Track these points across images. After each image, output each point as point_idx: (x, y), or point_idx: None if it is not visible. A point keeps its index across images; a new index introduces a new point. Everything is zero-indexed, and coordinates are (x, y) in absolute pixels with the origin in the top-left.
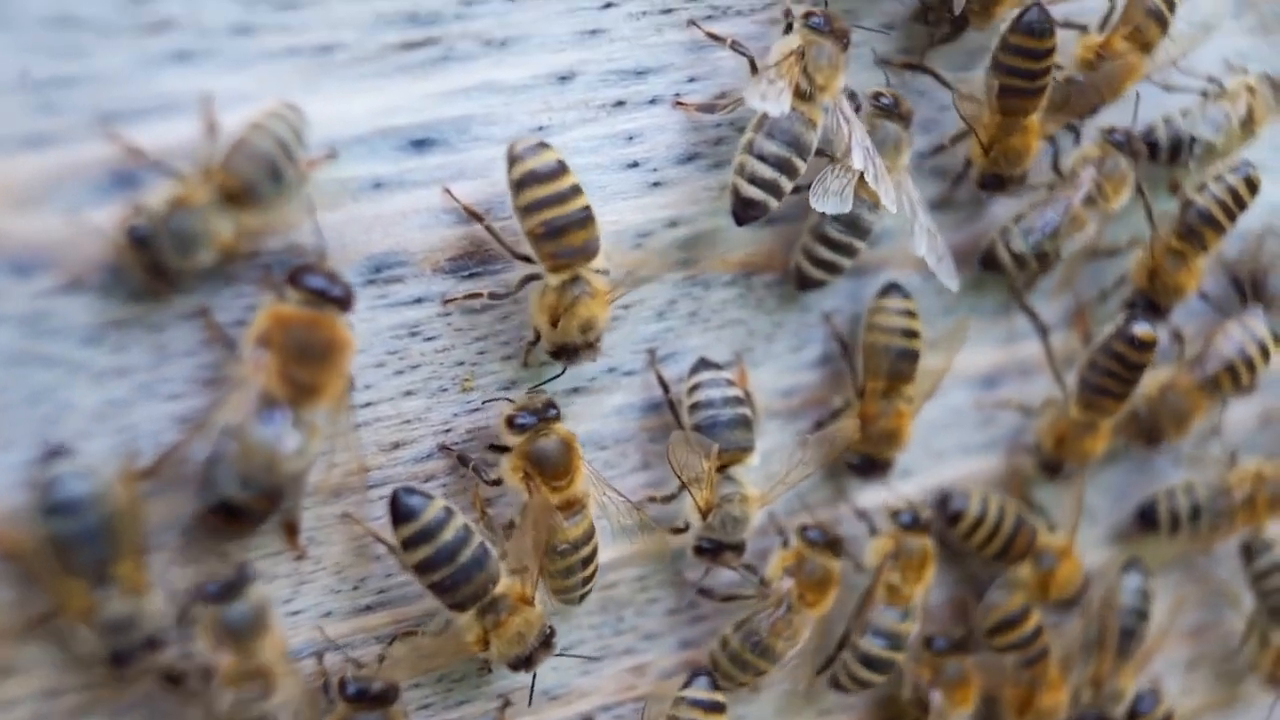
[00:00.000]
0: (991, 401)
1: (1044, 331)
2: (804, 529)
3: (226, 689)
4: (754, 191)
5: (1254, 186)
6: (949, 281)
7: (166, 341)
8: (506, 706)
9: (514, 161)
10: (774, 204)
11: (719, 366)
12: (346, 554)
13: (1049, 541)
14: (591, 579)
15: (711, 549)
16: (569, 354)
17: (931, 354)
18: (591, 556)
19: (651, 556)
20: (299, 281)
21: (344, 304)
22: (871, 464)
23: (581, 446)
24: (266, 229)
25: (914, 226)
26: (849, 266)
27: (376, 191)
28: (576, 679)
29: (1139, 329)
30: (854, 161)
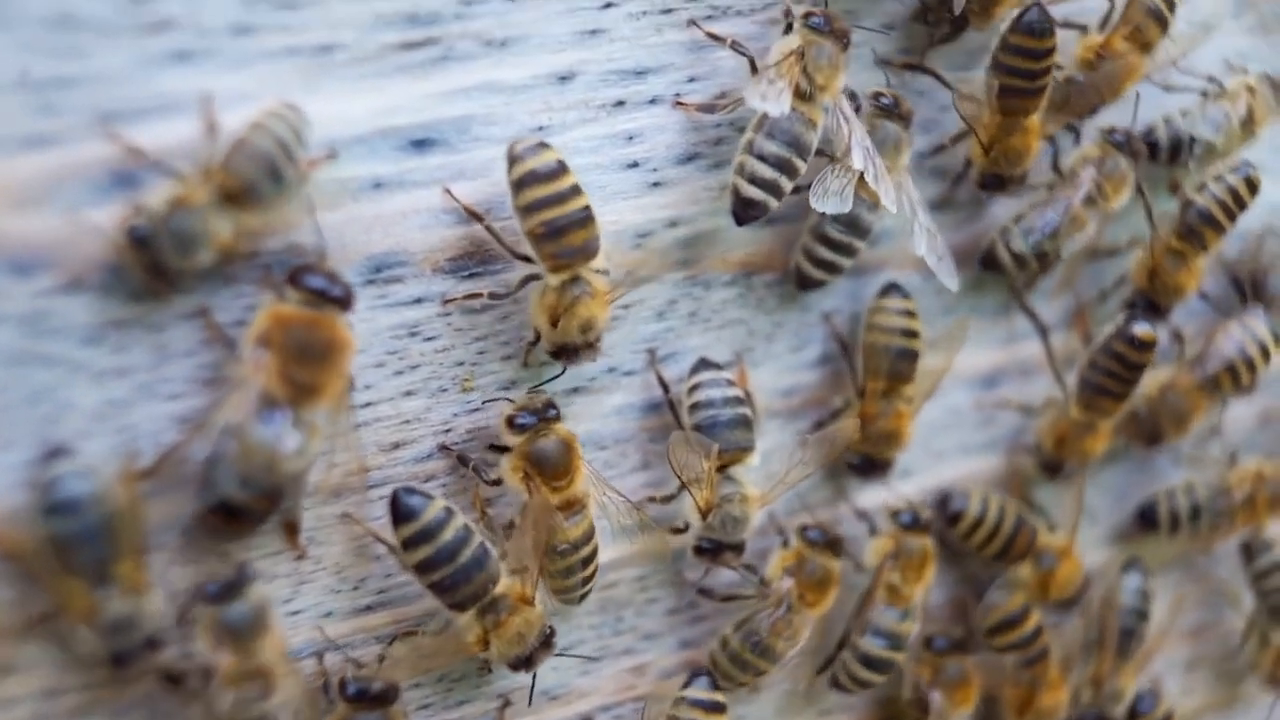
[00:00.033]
0: (992, 401)
1: (1044, 331)
2: (804, 529)
3: (226, 689)
4: (754, 191)
5: (1254, 187)
6: (949, 281)
7: (167, 341)
8: (506, 706)
9: (514, 161)
10: (774, 204)
11: (719, 366)
12: (346, 554)
13: (1049, 542)
14: (591, 579)
15: (711, 549)
16: (569, 354)
17: (931, 354)
18: (591, 556)
19: (651, 556)
20: (299, 281)
21: (344, 304)
22: (872, 464)
23: (581, 446)
24: (266, 229)
25: (914, 226)
26: (849, 266)
27: (376, 191)
28: (576, 679)
29: (1139, 329)
30: (854, 161)
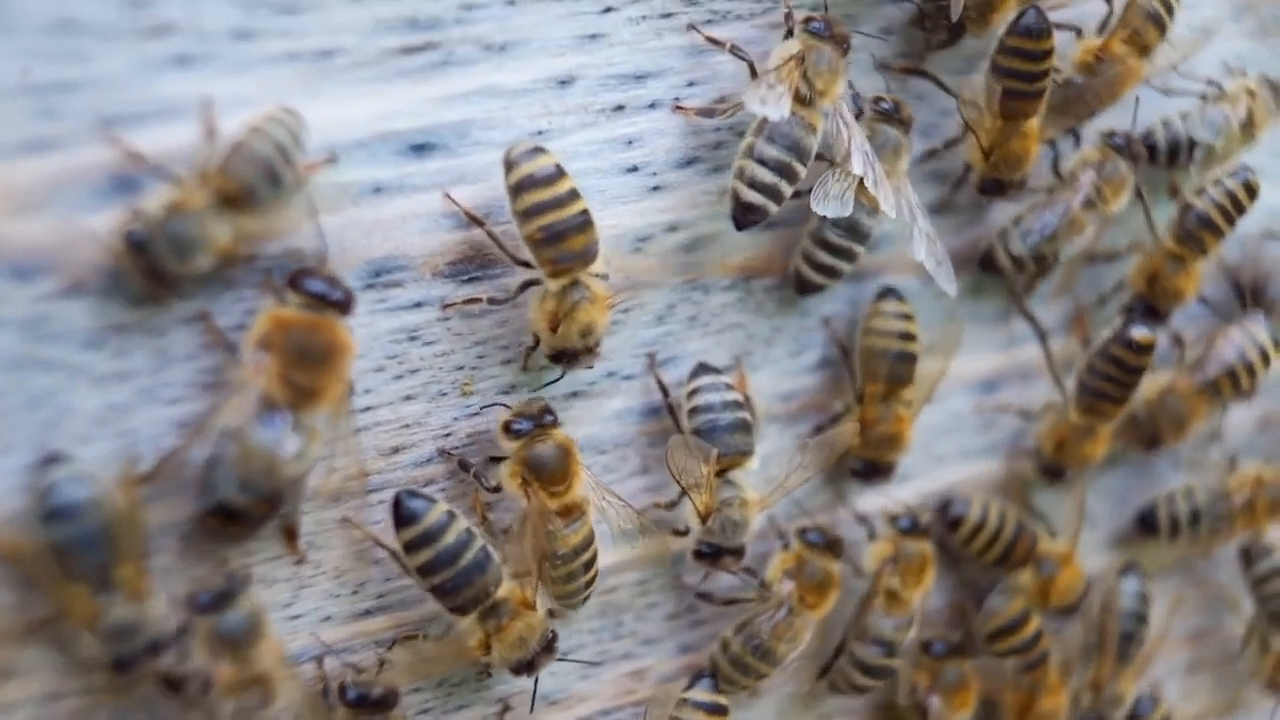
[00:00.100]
0: (991, 406)
1: (1043, 336)
2: (804, 531)
3: (226, 698)
4: (754, 196)
5: (1252, 191)
6: (947, 286)
7: (167, 346)
8: (506, 711)
9: (510, 166)
10: (774, 208)
11: (718, 371)
12: (346, 558)
13: (1050, 548)
14: (592, 584)
15: (711, 553)
16: (568, 359)
17: (928, 358)
18: (591, 562)
19: (651, 561)
20: (299, 285)
21: (344, 308)
22: (873, 468)
23: (580, 451)
24: (265, 233)
25: (913, 231)
26: (848, 271)
27: (376, 196)
28: (576, 683)
29: (1137, 332)
30: (853, 166)
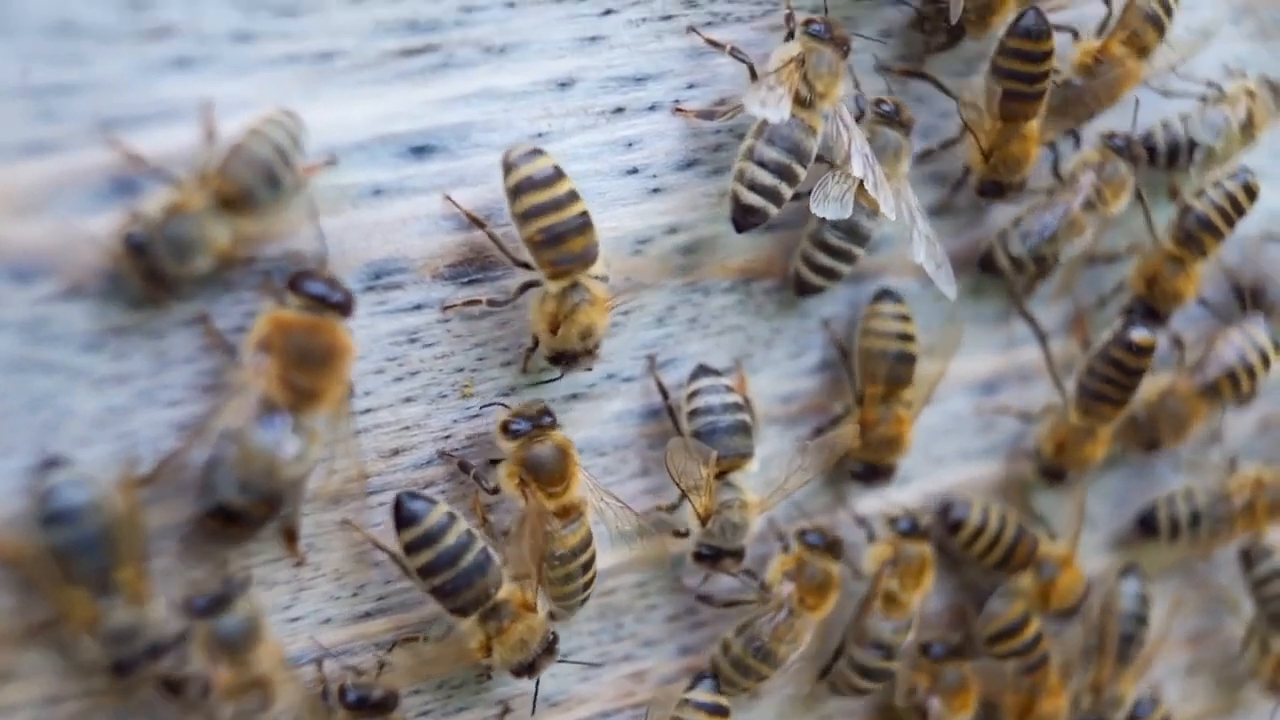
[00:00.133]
0: (991, 407)
1: (1043, 337)
2: (803, 533)
3: (226, 702)
4: (754, 198)
5: (1252, 192)
6: (946, 289)
7: (166, 348)
8: (506, 713)
9: (509, 168)
10: (774, 211)
11: (718, 373)
12: (346, 560)
13: (1050, 551)
14: (590, 585)
15: (711, 555)
16: (568, 361)
17: (927, 360)
18: (590, 563)
19: (650, 563)
20: (299, 287)
21: (344, 309)
22: (874, 471)
23: (579, 453)
24: (264, 235)
25: (913, 234)
26: (847, 273)
27: (376, 198)
28: (575, 685)
29: (1137, 334)
30: (853, 169)
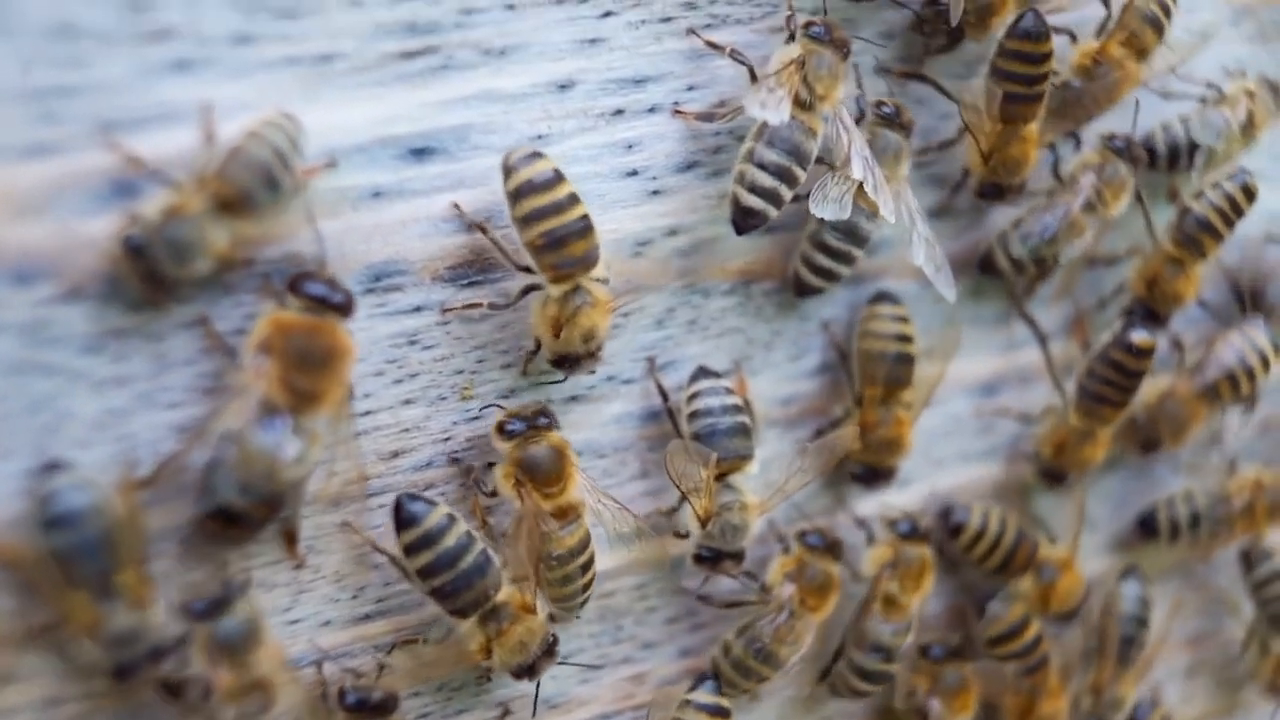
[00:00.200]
0: (991, 409)
1: (1043, 339)
2: (803, 534)
3: (227, 704)
4: (754, 200)
5: (1251, 194)
6: (946, 291)
7: (166, 350)
8: (506, 715)
9: (509, 172)
10: (774, 213)
11: (718, 375)
12: (346, 562)
13: (1050, 554)
14: (589, 587)
15: (711, 557)
16: (571, 363)
17: (927, 362)
18: (588, 564)
19: (650, 565)
20: (299, 289)
21: (345, 311)
22: (875, 473)
23: (580, 455)
24: (263, 237)
25: (912, 236)
26: (846, 274)
27: (376, 200)
28: (575, 687)
29: (1136, 336)
30: (853, 171)
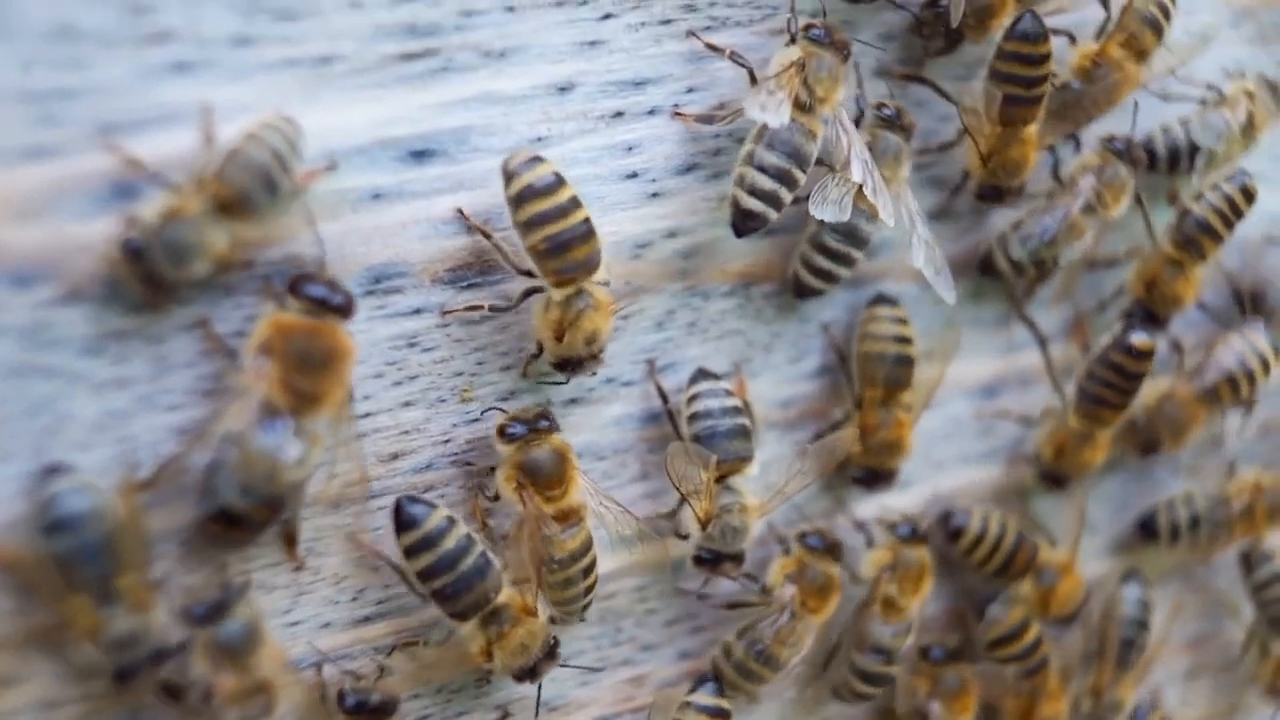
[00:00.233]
0: (991, 411)
1: (1043, 341)
2: (804, 536)
3: (228, 707)
4: (754, 203)
5: (1250, 195)
6: (946, 294)
7: (166, 352)
8: (506, 717)
9: (510, 177)
10: (773, 215)
11: (717, 377)
12: (346, 564)
13: (1050, 558)
14: (591, 590)
15: (711, 559)
16: (573, 366)
17: (926, 364)
18: (590, 568)
19: (650, 567)
20: (300, 290)
21: (345, 312)
22: (875, 475)
23: (580, 458)
24: (262, 240)
25: (912, 238)
26: (846, 276)
27: (376, 202)
28: (575, 690)
29: (1136, 338)
30: (853, 174)
